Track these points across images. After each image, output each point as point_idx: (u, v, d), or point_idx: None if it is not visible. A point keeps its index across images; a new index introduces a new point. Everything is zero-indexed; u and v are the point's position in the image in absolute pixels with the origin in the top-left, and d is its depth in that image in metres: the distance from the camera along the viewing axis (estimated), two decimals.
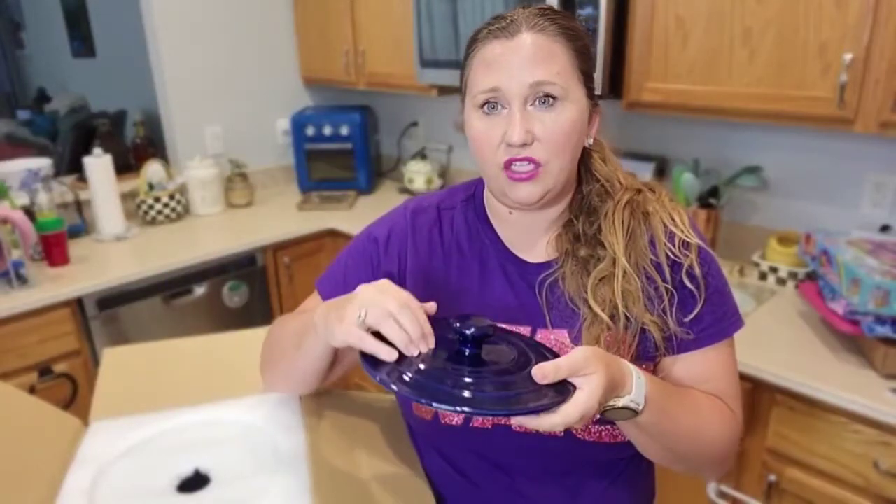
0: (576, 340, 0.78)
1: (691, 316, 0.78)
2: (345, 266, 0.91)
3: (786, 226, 1.84)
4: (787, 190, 1.84)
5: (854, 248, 1.43)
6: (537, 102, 0.73)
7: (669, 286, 0.78)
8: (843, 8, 1.36)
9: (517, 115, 0.72)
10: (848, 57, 1.37)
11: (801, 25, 1.43)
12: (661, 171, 2.05)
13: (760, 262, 1.80)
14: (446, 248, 0.86)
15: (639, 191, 0.83)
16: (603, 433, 0.80)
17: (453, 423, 0.81)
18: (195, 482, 0.82)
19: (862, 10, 1.34)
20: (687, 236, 0.79)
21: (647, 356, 0.79)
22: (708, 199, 1.86)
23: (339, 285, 0.89)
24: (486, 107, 0.75)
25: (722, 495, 1.49)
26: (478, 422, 0.81)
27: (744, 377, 1.38)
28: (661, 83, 1.69)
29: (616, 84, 1.77)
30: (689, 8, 1.60)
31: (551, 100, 0.73)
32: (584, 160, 0.83)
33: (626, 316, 0.76)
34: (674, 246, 0.79)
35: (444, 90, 2.28)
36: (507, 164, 0.74)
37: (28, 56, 5.64)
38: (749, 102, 1.55)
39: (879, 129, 1.38)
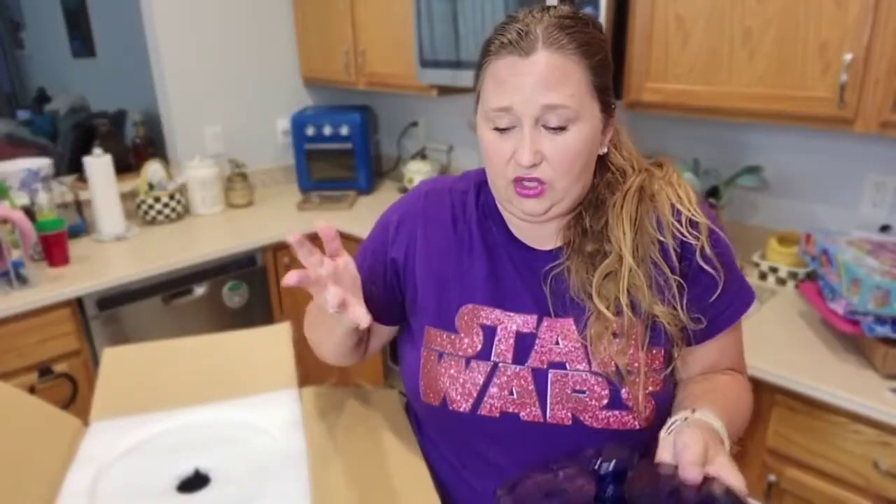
0: (582, 331, 0.80)
1: (712, 299, 0.80)
2: (362, 254, 0.94)
3: (786, 226, 1.84)
4: (787, 190, 1.84)
5: (854, 248, 1.42)
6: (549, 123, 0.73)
7: (678, 275, 0.79)
8: (843, 8, 1.36)
9: (527, 137, 0.73)
10: (848, 57, 1.36)
11: (801, 25, 1.43)
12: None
13: (760, 262, 1.80)
14: (458, 233, 0.88)
15: (647, 170, 0.84)
16: (611, 419, 0.79)
17: (461, 409, 0.82)
18: (195, 482, 0.82)
19: (862, 10, 1.34)
20: (694, 214, 0.80)
21: (657, 343, 0.80)
22: (708, 199, 1.86)
23: (361, 270, 0.91)
24: (497, 121, 0.75)
25: None
26: (486, 409, 0.82)
27: None
28: (661, 83, 1.69)
29: (616, 84, 1.76)
30: (689, 7, 1.60)
31: (563, 121, 0.73)
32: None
33: (633, 310, 0.78)
34: (681, 225, 0.79)
35: (444, 90, 2.27)
36: (516, 180, 0.76)
37: (28, 56, 5.63)
38: (749, 102, 1.55)
39: (879, 129, 1.38)
